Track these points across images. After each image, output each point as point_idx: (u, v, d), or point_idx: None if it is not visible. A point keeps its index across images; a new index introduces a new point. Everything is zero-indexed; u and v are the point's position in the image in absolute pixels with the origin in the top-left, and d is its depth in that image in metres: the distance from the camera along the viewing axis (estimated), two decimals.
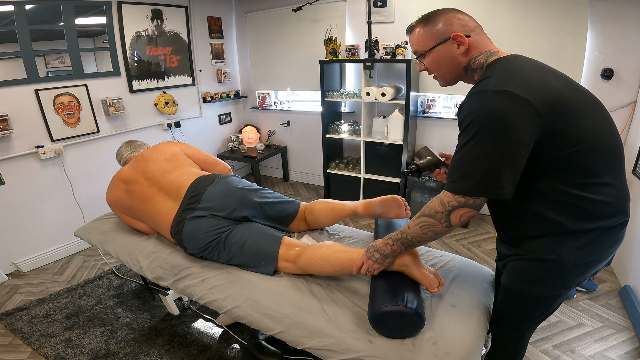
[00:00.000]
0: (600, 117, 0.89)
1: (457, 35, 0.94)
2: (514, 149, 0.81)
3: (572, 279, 0.94)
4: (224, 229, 1.42)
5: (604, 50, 2.29)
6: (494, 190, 0.84)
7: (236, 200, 1.48)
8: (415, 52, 1.05)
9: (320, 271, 1.29)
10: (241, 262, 1.40)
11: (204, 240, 1.41)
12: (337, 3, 3.19)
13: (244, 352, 1.72)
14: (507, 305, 1.10)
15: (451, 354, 1.00)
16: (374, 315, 1.05)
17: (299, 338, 1.13)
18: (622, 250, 2.19)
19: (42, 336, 1.86)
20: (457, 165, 0.88)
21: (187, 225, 1.43)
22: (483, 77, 0.90)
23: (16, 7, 2.22)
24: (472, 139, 0.83)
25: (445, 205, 0.90)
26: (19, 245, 2.49)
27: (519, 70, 0.85)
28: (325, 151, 3.37)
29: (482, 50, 0.96)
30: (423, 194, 3.02)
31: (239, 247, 1.39)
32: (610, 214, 0.89)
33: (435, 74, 1.05)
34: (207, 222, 1.42)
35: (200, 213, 1.43)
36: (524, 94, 0.79)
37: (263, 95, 4.08)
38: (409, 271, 1.13)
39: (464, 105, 0.89)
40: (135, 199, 1.62)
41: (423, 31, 1.00)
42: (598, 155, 0.85)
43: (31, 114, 2.39)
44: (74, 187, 2.68)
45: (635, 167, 2.13)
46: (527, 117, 0.79)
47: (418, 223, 0.98)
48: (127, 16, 2.85)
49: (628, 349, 1.68)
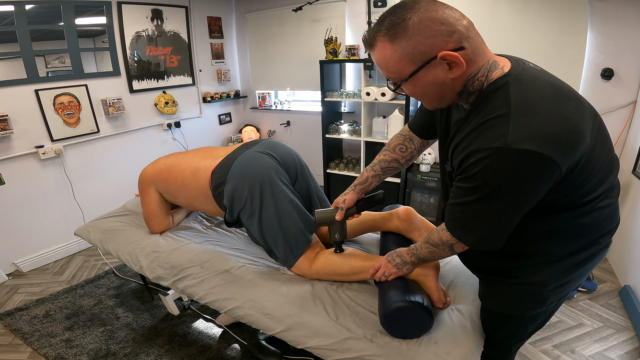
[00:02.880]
0: (604, 142, 0.78)
1: (447, 55, 0.68)
2: (524, 207, 0.74)
3: (553, 297, 0.91)
4: (277, 175, 1.31)
5: (604, 50, 2.29)
6: (493, 245, 0.80)
7: (291, 158, 1.44)
8: (387, 77, 0.78)
9: (337, 273, 1.27)
10: (273, 228, 1.29)
11: (257, 176, 1.28)
12: (337, 3, 3.19)
13: (244, 352, 1.72)
14: (487, 324, 1.10)
15: (452, 354, 1.00)
16: (387, 310, 1.04)
17: (300, 338, 1.13)
18: (622, 250, 2.20)
19: (42, 336, 1.85)
20: (460, 216, 0.80)
21: (243, 156, 1.34)
22: (491, 108, 0.70)
23: (16, 7, 2.21)
24: (480, 199, 0.73)
25: (445, 242, 0.90)
26: (19, 245, 2.48)
27: (539, 107, 0.67)
28: (325, 151, 3.37)
29: (479, 65, 0.73)
30: (423, 193, 3.02)
31: (282, 208, 1.28)
32: (602, 235, 0.84)
33: (421, 101, 0.85)
34: (266, 159, 1.34)
35: (260, 149, 1.37)
36: (551, 153, 0.64)
37: (263, 95, 4.08)
38: (427, 281, 1.13)
39: (476, 154, 0.70)
40: (186, 156, 1.56)
41: (391, 49, 0.71)
42: (601, 184, 0.78)
43: (31, 114, 2.39)
44: (74, 187, 2.68)
45: (635, 167, 2.13)
46: (549, 177, 0.68)
47: (426, 248, 0.98)
48: (127, 16, 2.85)
49: (628, 349, 1.68)
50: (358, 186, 1.23)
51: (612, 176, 0.81)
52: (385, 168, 1.20)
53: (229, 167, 1.35)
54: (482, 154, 0.68)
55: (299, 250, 1.31)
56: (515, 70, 0.72)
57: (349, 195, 1.22)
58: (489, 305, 1.03)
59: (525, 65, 0.75)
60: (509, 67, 0.74)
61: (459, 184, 0.77)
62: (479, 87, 0.74)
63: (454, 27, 0.68)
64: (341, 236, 1.24)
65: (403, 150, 1.18)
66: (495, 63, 0.74)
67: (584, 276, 0.92)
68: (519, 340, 1.10)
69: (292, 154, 1.47)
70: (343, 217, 1.22)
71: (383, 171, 1.21)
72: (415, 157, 1.20)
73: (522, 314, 0.97)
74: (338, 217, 1.21)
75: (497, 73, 0.73)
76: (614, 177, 0.82)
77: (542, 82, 0.71)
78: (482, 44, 0.73)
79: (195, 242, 1.62)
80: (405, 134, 1.18)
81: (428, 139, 1.15)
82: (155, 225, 1.70)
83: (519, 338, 1.08)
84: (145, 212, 1.70)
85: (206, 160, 1.49)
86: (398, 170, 1.22)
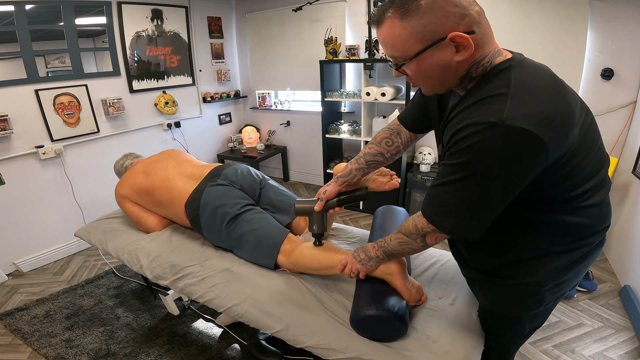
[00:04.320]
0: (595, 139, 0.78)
1: (457, 36, 0.67)
2: (509, 192, 0.71)
3: (550, 296, 0.91)
4: (241, 203, 1.51)
5: (604, 50, 2.29)
6: (470, 234, 0.77)
7: (252, 179, 1.66)
8: (391, 56, 0.76)
9: (309, 267, 1.29)
10: (247, 244, 1.43)
11: (222, 207, 1.48)
12: (337, 3, 3.19)
13: (244, 352, 1.72)
14: (486, 324, 1.10)
15: (451, 353, 1.00)
16: (354, 319, 1.06)
17: (299, 337, 1.13)
18: (622, 250, 2.19)
19: (42, 336, 1.86)
20: (441, 199, 0.78)
21: (207, 191, 1.53)
22: (491, 87, 0.70)
23: (16, 7, 2.22)
24: (466, 177, 0.71)
25: (419, 230, 0.86)
26: (19, 245, 2.49)
27: (538, 91, 0.67)
28: (325, 151, 3.37)
29: (486, 51, 0.72)
30: (423, 194, 3.02)
31: (250, 227, 1.44)
32: (592, 234, 0.83)
33: (420, 85, 0.82)
34: (228, 190, 1.54)
35: (222, 182, 1.57)
36: (543, 134, 0.63)
37: (263, 95, 4.08)
38: (393, 280, 1.10)
39: (468, 128, 0.69)
40: (156, 179, 1.68)
41: (401, 26, 0.70)
42: (588, 180, 0.77)
43: (31, 114, 2.40)
44: (74, 187, 2.68)
45: (635, 167, 2.13)
46: (537, 160, 0.67)
47: (397, 238, 0.95)
48: (127, 16, 2.85)
49: (628, 349, 1.67)
50: (341, 178, 1.19)
51: (602, 173, 0.80)
52: (369, 162, 1.17)
53: (198, 202, 1.53)
54: (475, 128, 0.67)
55: (274, 253, 1.39)
56: (517, 57, 0.74)
57: (330, 187, 1.18)
58: (487, 306, 1.03)
59: (527, 58, 0.76)
60: (511, 55, 0.75)
61: (446, 161, 0.75)
62: (481, 73, 0.74)
63: (467, 10, 0.68)
64: (319, 228, 1.20)
65: (389, 144, 1.15)
66: (500, 51, 0.75)
67: (580, 275, 0.92)
68: (518, 340, 1.09)
69: (252, 175, 1.69)
70: (322, 209, 1.18)
71: (367, 165, 1.18)
72: (402, 152, 1.18)
73: (520, 314, 0.97)
74: (317, 207, 1.17)
75: (501, 59, 0.73)
76: (604, 174, 0.82)
77: (544, 71, 0.72)
78: (490, 32, 0.73)
79: (196, 241, 1.62)
80: (394, 127, 1.16)
81: (417, 133, 1.13)
82: (146, 221, 1.75)
83: (518, 338, 1.08)
84: (132, 217, 1.78)
85: (179, 182, 1.64)
86: (383, 164, 1.19)
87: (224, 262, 1.45)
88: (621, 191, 2.29)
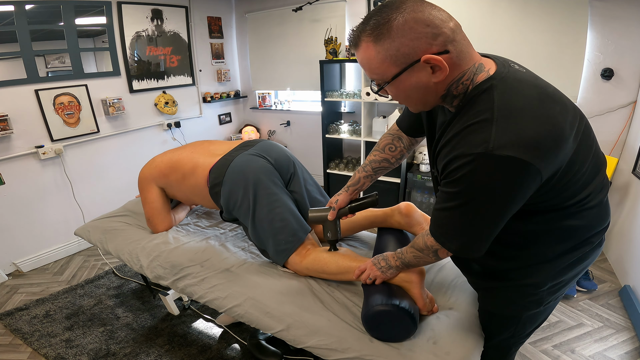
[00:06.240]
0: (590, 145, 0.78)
1: (431, 58, 0.66)
2: (507, 213, 0.73)
3: (549, 297, 0.92)
4: (270, 180, 1.39)
5: (604, 50, 2.29)
6: (476, 252, 0.79)
7: (286, 160, 1.52)
8: (370, 78, 0.77)
9: (324, 271, 1.29)
10: (264, 231, 1.36)
11: (251, 179, 1.37)
12: (337, 3, 3.19)
13: (244, 352, 1.72)
14: (486, 324, 1.10)
15: (451, 354, 1.00)
16: (368, 313, 1.05)
17: (300, 337, 1.13)
18: (622, 250, 2.20)
19: (42, 336, 1.86)
20: (443, 222, 0.80)
21: (239, 159, 1.42)
22: (475, 112, 0.69)
23: (16, 7, 2.22)
24: (463, 205, 0.73)
25: (430, 247, 0.89)
26: (19, 245, 2.49)
27: (523, 111, 0.66)
28: (325, 151, 3.38)
29: (464, 69, 0.71)
30: (423, 193, 3.02)
31: (273, 215, 1.35)
32: (592, 235, 0.84)
33: (404, 104, 0.83)
34: (261, 162, 1.43)
35: (255, 152, 1.46)
36: (532, 159, 0.63)
37: (263, 95, 4.08)
38: (411, 288, 1.12)
39: (458, 159, 0.69)
40: (183, 152, 1.63)
41: (375, 50, 0.69)
42: (586, 187, 0.77)
43: (31, 114, 2.40)
44: (74, 187, 2.68)
45: (635, 167, 2.13)
46: (531, 183, 0.67)
47: (411, 252, 0.98)
48: (127, 16, 2.85)
49: (628, 349, 1.68)
50: (351, 187, 1.24)
51: (599, 176, 0.81)
52: (376, 168, 1.22)
53: (225, 169, 1.43)
54: (464, 160, 0.67)
55: (289, 251, 1.35)
56: (500, 73, 0.71)
57: (341, 196, 1.24)
58: (487, 307, 1.04)
59: (511, 68, 0.73)
60: (495, 69, 0.72)
61: (443, 189, 0.77)
62: (463, 91, 0.73)
63: (440, 29, 0.66)
64: (333, 235, 1.26)
65: (392, 149, 1.19)
66: (481, 66, 0.72)
67: (579, 275, 0.92)
68: (518, 340, 1.10)
69: (287, 155, 1.55)
70: (335, 217, 1.24)
71: (374, 171, 1.22)
72: (406, 155, 1.21)
73: (520, 314, 0.97)
74: (330, 217, 1.24)
75: (483, 76, 0.71)
76: (602, 177, 0.82)
77: (528, 85, 0.70)
78: (468, 47, 0.71)
79: (196, 240, 1.62)
80: (394, 132, 1.19)
81: (416, 137, 1.16)
82: (159, 222, 1.70)
83: (518, 338, 1.08)
84: (148, 210, 1.69)
85: (204, 157, 1.55)
86: (390, 169, 1.23)
87: (224, 263, 1.45)
88: (621, 191, 2.29)
